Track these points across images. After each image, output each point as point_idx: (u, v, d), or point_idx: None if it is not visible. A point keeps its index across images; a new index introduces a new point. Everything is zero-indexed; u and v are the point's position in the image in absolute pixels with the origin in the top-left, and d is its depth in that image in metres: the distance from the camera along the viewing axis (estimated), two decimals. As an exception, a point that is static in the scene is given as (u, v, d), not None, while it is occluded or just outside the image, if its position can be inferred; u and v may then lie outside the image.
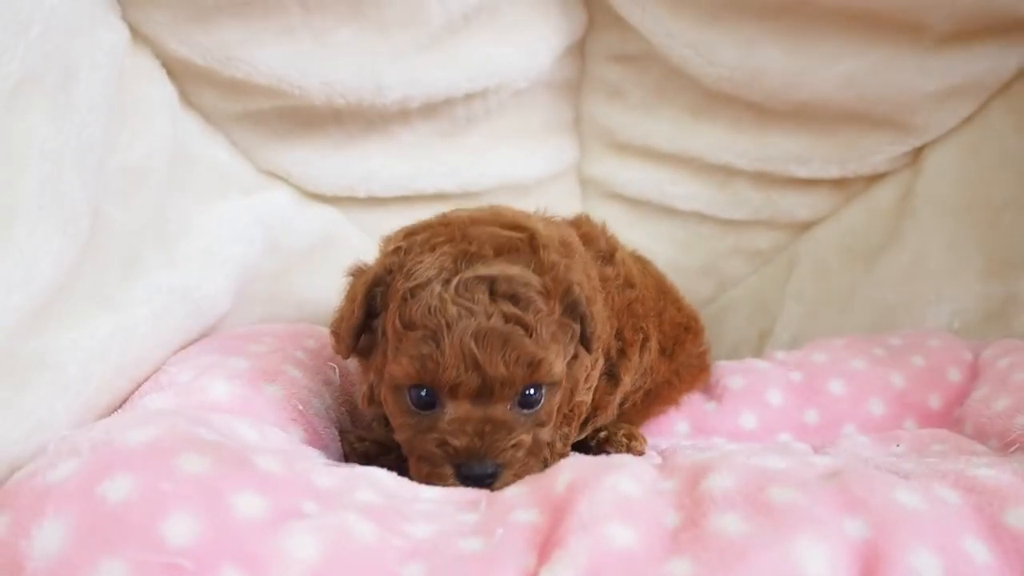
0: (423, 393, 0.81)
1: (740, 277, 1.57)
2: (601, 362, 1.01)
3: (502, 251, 0.85)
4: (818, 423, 1.16)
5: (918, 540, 0.61)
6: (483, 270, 0.81)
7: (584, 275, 0.92)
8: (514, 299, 0.81)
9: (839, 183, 1.44)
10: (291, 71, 1.14)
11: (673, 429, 1.18)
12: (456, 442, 0.79)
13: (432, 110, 1.28)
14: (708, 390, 1.22)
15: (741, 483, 0.66)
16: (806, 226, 1.51)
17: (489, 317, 0.79)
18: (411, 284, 0.81)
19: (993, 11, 1.19)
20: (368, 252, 1.35)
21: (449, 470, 0.80)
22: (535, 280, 0.83)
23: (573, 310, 0.86)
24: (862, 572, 0.59)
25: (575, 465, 0.70)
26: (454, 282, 0.80)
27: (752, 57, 1.30)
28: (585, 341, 0.89)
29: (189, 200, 1.09)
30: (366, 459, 0.91)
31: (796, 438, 1.15)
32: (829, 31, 1.26)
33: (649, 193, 1.47)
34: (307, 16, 1.12)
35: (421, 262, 0.83)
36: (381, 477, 0.74)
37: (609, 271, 1.05)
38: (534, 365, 0.80)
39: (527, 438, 0.82)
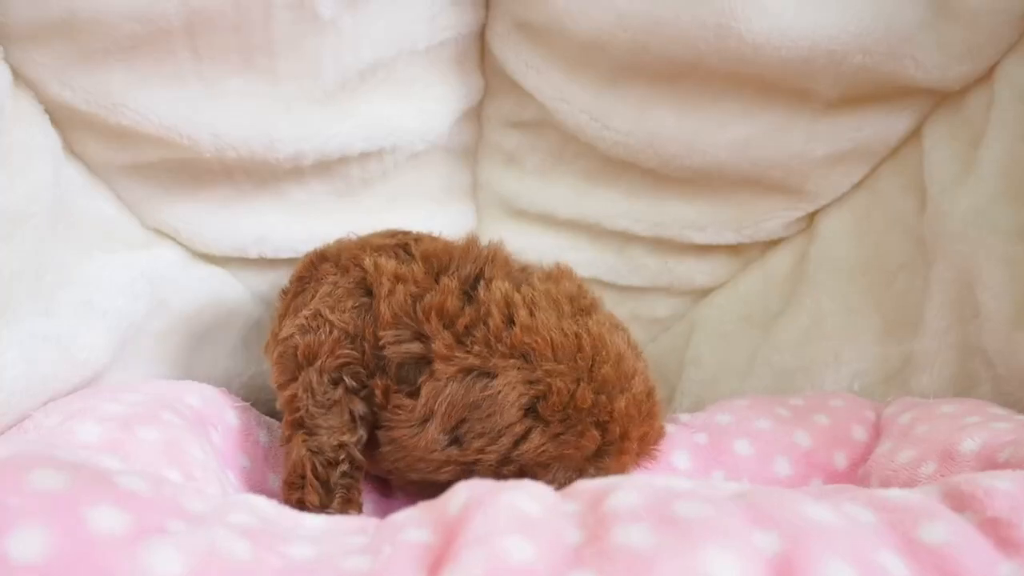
0: None
1: (639, 345, 1.54)
2: None
3: None
4: (725, 484, 1.13)
5: (832, 552, 0.57)
6: None
7: None
8: None
9: (735, 249, 1.44)
10: (180, 120, 1.09)
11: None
12: None
13: (326, 169, 1.25)
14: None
15: (646, 499, 0.62)
16: (704, 293, 1.50)
17: None
18: None
19: (877, 77, 1.20)
20: (261, 315, 1.31)
21: None
22: None
23: None
24: (776, 583, 0.56)
25: (471, 486, 0.66)
26: None
27: (646, 122, 1.30)
28: None
29: (71, 251, 1.03)
30: None
31: (703, 499, 1.12)
32: (721, 96, 1.27)
33: (548, 259, 1.43)
34: (198, 63, 1.08)
35: None
36: (259, 504, 0.68)
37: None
38: None
39: None
